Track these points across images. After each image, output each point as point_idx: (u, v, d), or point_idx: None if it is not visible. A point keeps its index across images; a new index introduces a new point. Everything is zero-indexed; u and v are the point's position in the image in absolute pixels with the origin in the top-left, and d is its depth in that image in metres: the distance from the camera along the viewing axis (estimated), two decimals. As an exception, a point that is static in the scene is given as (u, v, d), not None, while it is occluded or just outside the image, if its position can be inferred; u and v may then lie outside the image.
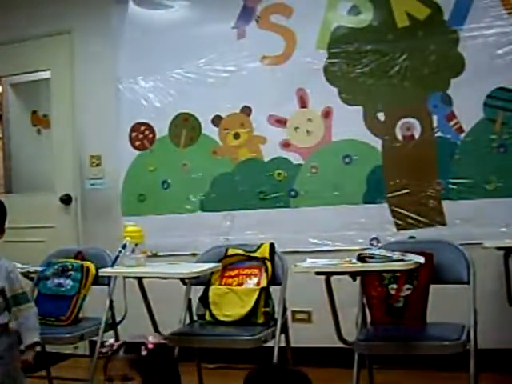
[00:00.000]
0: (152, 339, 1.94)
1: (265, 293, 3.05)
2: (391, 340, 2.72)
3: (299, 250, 3.68)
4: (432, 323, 2.86)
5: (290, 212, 3.94)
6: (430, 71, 3.66)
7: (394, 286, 2.89)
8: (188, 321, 3.20)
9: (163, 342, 2.01)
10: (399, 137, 3.73)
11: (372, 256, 2.49)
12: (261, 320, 3.00)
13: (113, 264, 2.92)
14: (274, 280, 3.11)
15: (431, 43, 3.66)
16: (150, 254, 3.83)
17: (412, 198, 3.69)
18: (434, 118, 3.66)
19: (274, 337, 2.92)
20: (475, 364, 2.62)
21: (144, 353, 1.90)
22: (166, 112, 4.21)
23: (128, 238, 2.90)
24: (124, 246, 2.89)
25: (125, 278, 3.01)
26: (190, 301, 3.21)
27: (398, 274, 2.86)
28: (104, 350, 1.94)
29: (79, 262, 3.38)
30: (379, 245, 3.51)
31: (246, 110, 4.03)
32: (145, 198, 4.27)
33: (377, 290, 2.91)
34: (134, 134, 4.30)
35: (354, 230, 3.78)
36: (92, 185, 4.45)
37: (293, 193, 3.94)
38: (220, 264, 3.15)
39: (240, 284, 3.11)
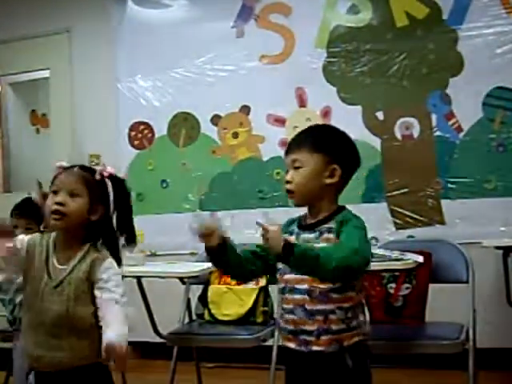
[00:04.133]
0: (110, 169, 1.90)
1: (264, 292, 3.05)
2: (390, 339, 2.71)
3: (298, 249, 3.66)
4: (431, 322, 2.86)
5: (290, 211, 3.91)
6: (429, 70, 3.66)
7: (393, 285, 2.89)
8: (187, 320, 3.20)
9: (123, 177, 1.94)
10: (398, 136, 3.73)
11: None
12: (260, 319, 3.01)
13: (112, 263, 2.91)
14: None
15: (430, 42, 3.66)
16: (148, 253, 3.84)
17: (411, 197, 3.68)
18: (433, 117, 3.66)
19: (272, 336, 2.92)
20: (474, 363, 2.62)
21: (98, 177, 1.87)
22: (164, 111, 4.21)
23: (127, 237, 2.89)
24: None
25: (123, 277, 3.00)
26: (189, 300, 3.21)
27: (396, 274, 2.86)
28: None
29: (78, 261, 3.37)
30: (378, 244, 3.50)
31: (245, 110, 4.03)
32: (144, 197, 4.26)
33: (376, 289, 2.91)
34: (133, 133, 4.30)
35: (352, 229, 3.76)
36: (91, 184, 4.44)
37: (292, 192, 3.92)
38: (219, 263, 3.14)
39: (239, 283, 3.11)
